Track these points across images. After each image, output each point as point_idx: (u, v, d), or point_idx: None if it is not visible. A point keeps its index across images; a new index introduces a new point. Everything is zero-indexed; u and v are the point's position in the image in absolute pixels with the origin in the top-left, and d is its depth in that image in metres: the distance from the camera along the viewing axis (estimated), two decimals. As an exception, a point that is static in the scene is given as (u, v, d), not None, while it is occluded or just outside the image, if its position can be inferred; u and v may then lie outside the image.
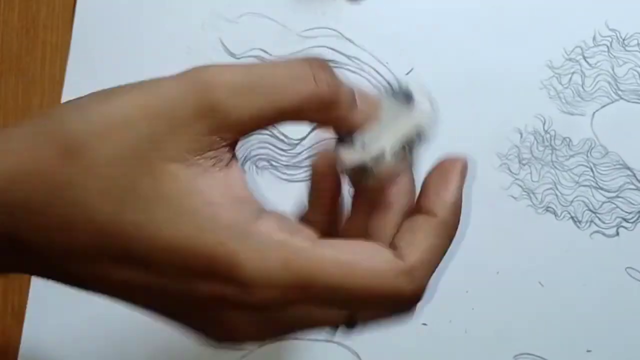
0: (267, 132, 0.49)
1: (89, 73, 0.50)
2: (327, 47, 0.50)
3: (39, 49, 0.51)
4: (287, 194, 0.49)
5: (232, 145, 0.31)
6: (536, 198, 0.49)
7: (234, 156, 0.32)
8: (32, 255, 0.32)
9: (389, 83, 0.35)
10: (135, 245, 0.30)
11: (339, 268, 0.30)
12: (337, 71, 0.32)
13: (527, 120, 0.49)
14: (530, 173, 0.49)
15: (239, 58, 0.51)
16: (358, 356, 0.50)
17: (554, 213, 0.49)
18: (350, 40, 0.50)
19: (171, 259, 0.31)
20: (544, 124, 0.49)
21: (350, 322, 0.33)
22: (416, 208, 0.34)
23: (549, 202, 0.49)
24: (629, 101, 0.49)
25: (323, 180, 0.37)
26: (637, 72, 0.49)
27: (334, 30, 0.50)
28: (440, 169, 0.35)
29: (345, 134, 0.33)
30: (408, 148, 0.34)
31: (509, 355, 0.49)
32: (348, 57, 0.50)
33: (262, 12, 0.51)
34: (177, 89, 0.30)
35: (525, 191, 0.49)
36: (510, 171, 0.49)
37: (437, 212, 0.33)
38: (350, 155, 0.33)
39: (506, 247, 0.49)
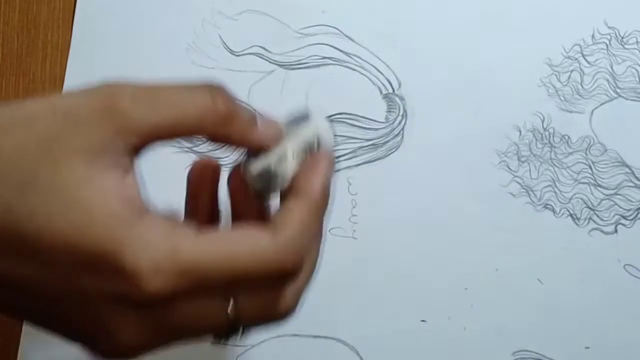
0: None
1: (89, 73, 0.50)
2: (327, 45, 0.50)
3: (39, 49, 0.51)
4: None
5: (134, 152, 0.33)
6: (535, 195, 0.49)
7: (133, 162, 0.33)
8: None
9: (289, 115, 0.38)
10: (26, 234, 0.31)
11: (222, 253, 0.33)
12: (233, 95, 0.35)
13: (526, 118, 0.50)
14: (529, 170, 0.49)
15: (238, 55, 0.51)
16: (357, 353, 0.50)
17: (553, 210, 0.49)
18: (349, 38, 0.50)
19: (59, 250, 0.31)
20: (542, 122, 0.49)
21: (237, 323, 0.35)
22: (292, 191, 0.37)
23: (547, 199, 0.49)
24: (627, 99, 0.49)
25: (200, 187, 0.40)
26: (636, 69, 0.49)
27: (334, 27, 0.50)
28: (313, 159, 0.38)
29: (250, 153, 0.37)
30: (309, 150, 0.37)
31: (508, 352, 0.50)
32: (347, 54, 0.50)
33: (261, 10, 0.51)
34: (85, 95, 0.33)
35: (524, 188, 0.49)
36: (509, 168, 0.50)
37: (307, 193, 0.36)
38: (255, 164, 0.36)
39: (505, 244, 0.49)
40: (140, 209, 0.33)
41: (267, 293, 0.35)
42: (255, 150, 0.37)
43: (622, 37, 0.49)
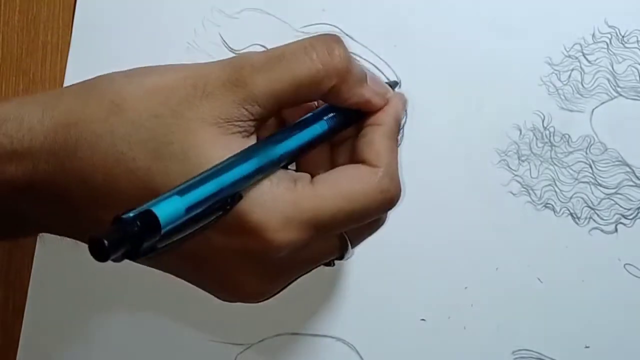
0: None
1: (89, 73, 0.50)
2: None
3: (39, 50, 0.51)
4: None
5: (259, 121, 0.36)
6: (535, 194, 0.49)
7: (256, 131, 0.36)
8: (61, 203, 0.36)
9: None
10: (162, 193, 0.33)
11: (339, 197, 0.36)
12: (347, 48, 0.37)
13: (526, 117, 0.49)
14: (530, 169, 0.49)
15: (238, 54, 0.51)
16: (357, 352, 0.50)
17: (553, 209, 0.49)
18: (350, 37, 0.50)
19: None
20: (543, 121, 0.49)
21: (345, 247, 0.39)
22: (369, 124, 0.40)
23: (548, 199, 0.49)
24: (628, 98, 0.49)
25: None
26: (637, 69, 0.49)
27: (334, 26, 0.50)
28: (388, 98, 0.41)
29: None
30: None
31: (508, 351, 0.50)
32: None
33: (262, 8, 0.51)
34: (212, 67, 0.36)
35: (524, 187, 0.49)
36: (509, 167, 0.49)
37: (383, 122, 0.39)
38: None
39: (505, 244, 0.49)
40: None
41: (376, 218, 0.39)
42: (358, 107, 0.39)
43: (623, 36, 0.49)
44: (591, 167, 0.49)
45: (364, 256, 0.50)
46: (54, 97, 0.36)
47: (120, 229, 0.30)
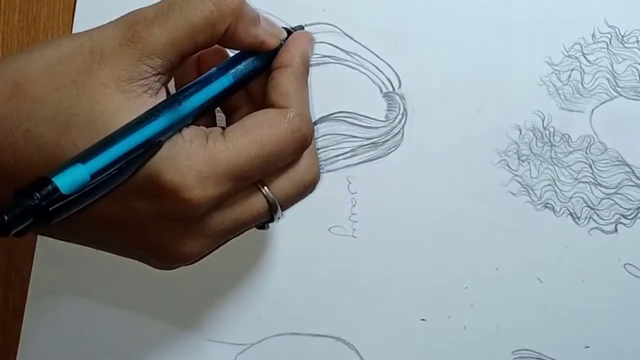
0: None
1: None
2: (327, 43, 0.50)
3: (39, 49, 0.51)
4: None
5: (162, 75, 0.36)
6: (535, 194, 0.49)
7: (164, 82, 0.36)
8: None
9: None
10: None
11: (251, 145, 0.36)
12: None
13: (526, 117, 0.49)
14: (529, 169, 0.49)
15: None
16: (357, 352, 0.50)
17: (553, 209, 0.49)
18: (349, 36, 0.50)
19: None
20: (543, 121, 0.49)
21: (276, 206, 0.38)
22: (276, 67, 0.40)
23: (547, 199, 0.49)
24: (628, 98, 0.49)
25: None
26: (636, 69, 0.49)
27: (334, 26, 0.50)
28: (292, 38, 0.42)
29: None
30: None
31: (508, 351, 0.50)
32: (347, 53, 0.50)
33: (262, 8, 0.50)
34: (106, 29, 0.36)
35: (524, 187, 0.49)
36: (509, 167, 0.49)
37: (289, 64, 0.40)
38: None
39: (505, 243, 0.49)
40: None
41: (293, 168, 0.39)
42: (252, 49, 0.39)
43: (623, 36, 0.49)
44: (591, 167, 0.49)
45: (364, 256, 0.50)
46: None
47: (21, 202, 0.30)
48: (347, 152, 0.50)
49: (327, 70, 0.50)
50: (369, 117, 0.50)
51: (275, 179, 0.39)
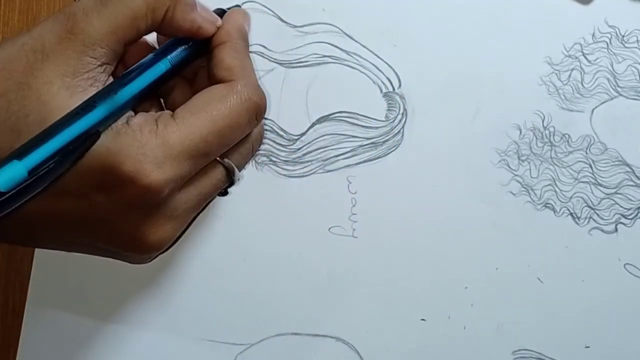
0: (267, 127, 0.49)
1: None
2: (327, 43, 0.50)
3: (38, 49, 0.51)
4: (287, 189, 0.49)
5: (107, 65, 0.35)
6: (535, 194, 0.49)
7: (110, 72, 0.36)
8: None
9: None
10: None
11: (203, 123, 0.36)
12: None
13: (526, 117, 0.49)
14: (529, 169, 0.49)
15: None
16: (357, 352, 0.50)
17: (553, 209, 0.49)
18: (349, 36, 0.50)
19: (66, 179, 0.34)
20: (543, 120, 0.49)
21: (231, 172, 0.39)
22: (216, 44, 0.40)
23: (548, 199, 0.49)
24: (628, 98, 0.49)
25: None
26: (637, 69, 0.49)
27: (334, 26, 0.50)
28: (225, 17, 0.42)
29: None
30: None
31: (508, 351, 0.50)
32: (347, 52, 0.50)
33: (261, 8, 0.51)
34: (45, 25, 0.35)
35: (524, 187, 0.49)
36: (509, 167, 0.49)
37: (226, 39, 0.40)
38: None
39: (505, 244, 0.49)
40: (126, 115, 0.35)
41: (249, 130, 0.39)
42: (188, 35, 0.39)
43: (623, 36, 0.49)
44: (591, 167, 0.49)
45: (364, 256, 0.50)
46: None
47: None
48: (347, 152, 0.50)
49: (327, 70, 0.50)
50: (369, 117, 0.50)
51: (232, 149, 0.39)
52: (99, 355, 0.50)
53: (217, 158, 0.38)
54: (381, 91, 0.50)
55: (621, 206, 0.49)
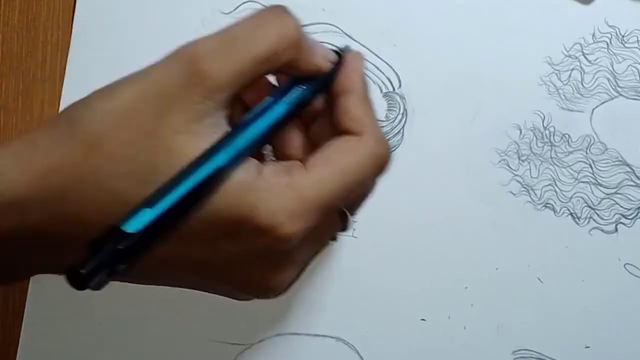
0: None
1: (89, 73, 0.50)
2: (327, 43, 0.50)
3: (39, 50, 0.51)
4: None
5: (226, 109, 0.35)
6: (535, 194, 0.49)
7: (229, 115, 0.35)
8: (60, 244, 0.35)
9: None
10: None
11: (336, 176, 0.35)
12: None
13: (526, 117, 0.49)
14: (530, 169, 0.49)
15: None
16: (357, 352, 0.50)
17: (553, 209, 0.49)
18: (349, 36, 0.50)
19: (198, 227, 0.34)
20: (543, 120, 0.49)
21: (345, 219, 0.39)
22: (339, 92, 0.39)
23: (548, 199, 0.49)
24: (628, 98, 0.49)
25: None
26: (637, 68, 0.49)
27: (334, 26, 0.50)
28: (345, 62, 0.40)
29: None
30: None
31: (508, 351, 0.50)
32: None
33: (261, 7, 0.51)
34: (166, 68, 0.34)
35: (524, 187, 0.49)
36: (510, 167, 0.49)
37: (351, 88, 0.38)
38: None
39: (505, 243, 0.49)
40: (256, 163, 0.35)
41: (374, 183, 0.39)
42: (308, 75, 0.38)
43: (623, 36, 0.49)
44: (591, 167, 0.49)
45: (364, 256, 0.50)
46: (28, 145, 0.35)
47: (93, 255, 0.30)
48: (347, 152, 0.50)
49: (327, 70, 0.50)
50: (369, 117, 0.50)
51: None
52: (99, 356, 0.51)
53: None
54: (381, 91, 0.50)
55: (621, 206, 0.49)
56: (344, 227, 0.40)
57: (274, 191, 0.34)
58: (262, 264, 0.36)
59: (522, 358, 0.50)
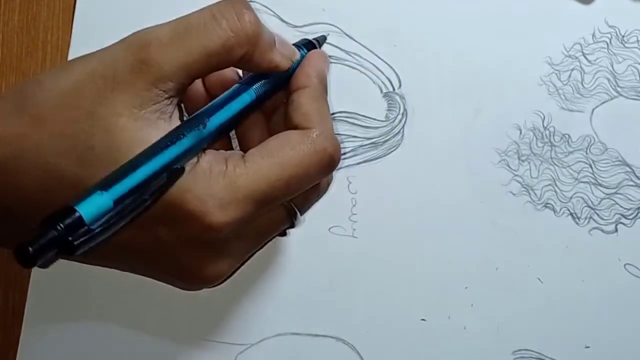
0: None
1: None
2: (327, 43, 0.50)
3: (39, 50, 0.51)
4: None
5: (175, 95, 0.35)
6: (535, 194, 0.49)
7: (176, 104, 0.35)
8: (9, 219, 0.35)
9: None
10: None
11: (273, 169, 0.35)
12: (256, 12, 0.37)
13: (526, 117, 0.49)
14: (530, 169, 0.49)
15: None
16: (357, 352, 0.50)
17: (553, 209, 0.49)
18: (350, 36, 0.50)
19: None
20: (543, 120, 0.49)
21: (296, 217, 0.39)
22: (291, 91, 0.39)
23: (548, 199, 0.49)
24: (628, 98, 0.49)
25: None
26: (637, 69, 0.49)
27: (334, 26, 0.50)
28: (307, 57, 0.41)
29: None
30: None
31: (508, 351, 0.50)
32: (347, 53, 0.50)
33: (261, 8, 0.51)
34: (117, 52, 0.35)
35: (524, 187, 0.49)
36: (510, 167, 0.49)
37: (307, 84, 0.39)
38: None
39: (505, 244, 0.49)
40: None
41: (318, 180, 0.38)
42: (265, 72, 0.38)
43: (623, 36, 0.49)
44: (591, 167, 0.49)
45: (364, 256, 0.50)
46: None
47: (45, 232, 0.30)
48: (347, 152, 0.50)
49: (327, 70, 0.50)
50: (369, 117, 0.50)
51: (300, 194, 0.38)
52: (99, 356, 0.51)
53: (285, 204, 0.38)
54: (381, 91, 0.50)
55: (621, 206, 0.49)
56: (291, 224, 0.39)
57: (206, 178, 0.34)
58: (195, 252, 0.36)
59: (522, 358, 0.50)
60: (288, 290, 0.50)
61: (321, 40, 0.45)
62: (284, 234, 0.40)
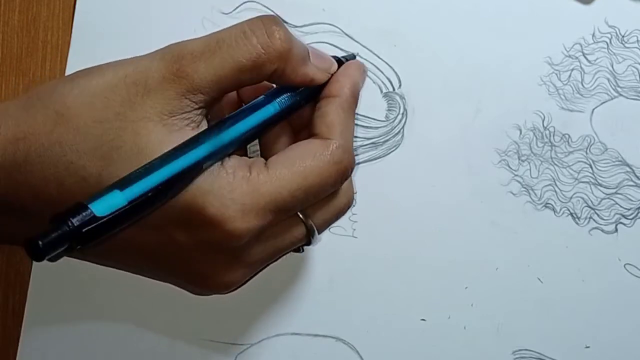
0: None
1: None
2: (327, 43, 0.50)
3: (39, 50, 0.51)
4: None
5: (204, 108, 0.36)
6: (535, 194, 0.49)
7: (204, 116, 0.36)
8: (23, 215, 0.35)
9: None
10: None
11: (294, 177, 0.36)
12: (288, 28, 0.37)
13: (526, 117, 0.49)
14: (530, 169, 0.49)
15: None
16: (357, 352, 0.50)
17: (553, 209, 0.49)
18: (349, 36, 0.50)
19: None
20: (543, 121, 0.49)
21: (313, 232, 0.39)
22: (324, 97, 0.40)
23: (548, 199, 0.49)
24: (628, 98, 0.49)
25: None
26: (637, 69, 0.49)
27: (334, 26, 0.50)
28: (343, 67, 0.41)
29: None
30: None
31: (508, 351, 0.50)
32: (348, 53, 0.50)
33: (261, 8, 0.51)
34: (151, 61, 0.35)
35: (524, 187, 0.49)
36: (510, 167, 0.49)
37: (337, 94, 0.39)
38: None
39: (505, 243, 0.49)
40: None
41: (332, 195, 0.39)
42: (298, 85, 0.39)
43: (623, 36, 0.49)
44: (591, 167, 0.49)
45: (364, 256, 0.50)
46: (1, 114, 0.36)
47: (55, 227, 0.30)
48: (347, 152, 0.50)
49: (327, 70, 0.50)
50: (369, 117, 0.50)
51: (315, 208, 0.39)
52: (99, 355, 0.50)
53: (302, 217, 0.38)
54: (381, 91, 0.50)
55: (621, 206, 0.49)
56: (308, 240, 0.39)
57: (229, 182, 0.35)
58: (212, 257, 0.36)
59: (522, 358, 0.50)
60: (288, 290, 0.50)
61: (349, 58, 0.45)
62: (299, 249, 0.41)
